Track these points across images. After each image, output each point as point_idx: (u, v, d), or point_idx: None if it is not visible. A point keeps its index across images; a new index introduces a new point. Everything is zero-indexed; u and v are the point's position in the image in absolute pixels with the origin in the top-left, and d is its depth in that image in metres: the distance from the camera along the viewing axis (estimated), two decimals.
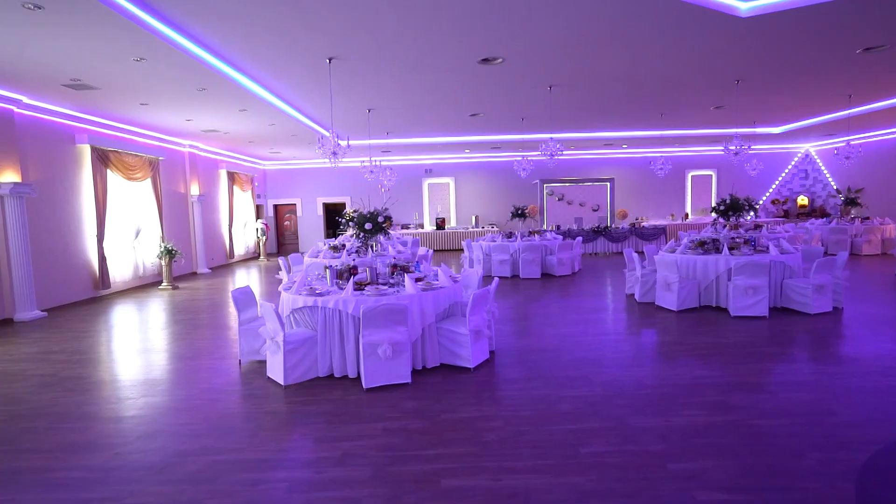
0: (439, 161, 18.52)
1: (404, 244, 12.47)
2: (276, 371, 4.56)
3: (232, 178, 15.34)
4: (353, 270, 5.45)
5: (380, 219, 5.51)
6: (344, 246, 9.76)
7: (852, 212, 14.04)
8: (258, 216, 17.71)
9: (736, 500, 2.63)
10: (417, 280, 5.22)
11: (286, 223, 19.32)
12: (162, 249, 10.57)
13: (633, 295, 7.97)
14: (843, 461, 2.96)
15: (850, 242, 12.62)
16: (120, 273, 10.27)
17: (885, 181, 15.50)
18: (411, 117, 11.34)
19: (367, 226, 5.37)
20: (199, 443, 3.45)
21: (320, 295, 4.73)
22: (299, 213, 18.97)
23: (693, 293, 6.94)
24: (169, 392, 4.49)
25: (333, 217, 17.93)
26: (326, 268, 5.31)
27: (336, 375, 4.62)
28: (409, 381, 4.41)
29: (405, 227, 18.22)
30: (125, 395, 4.46)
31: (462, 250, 12.48)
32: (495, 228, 17.35)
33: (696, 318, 6.55)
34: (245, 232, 16.54)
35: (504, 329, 6.34)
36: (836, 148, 11.75)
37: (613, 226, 15.39)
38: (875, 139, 15.62)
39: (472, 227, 17.94)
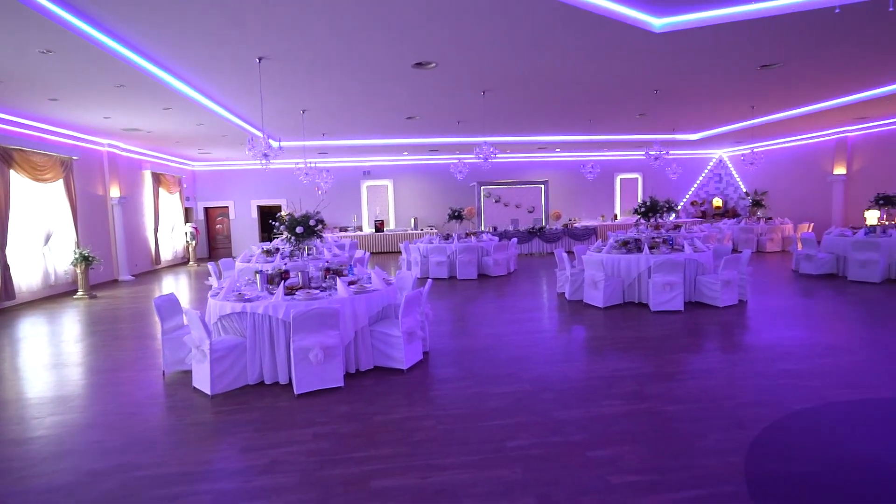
0: (378, 163, 18.44)
1: (341, 247, 12.33)
2: (202, 380, 4.41)
3: (157, 179, 14.54)
4: (284, 275, 5.35)
5: (312, 222, 5.44)
6: (278, 250, 9.53)
7: (758, 213, 15.33)
8: (187, 219, 16.87)
9: (645, 480, 2.84)
10: (350, 283, 5.21)
11: (218, 226, 18.53)
12: (77, 256, 9.86)
13: (563, 293, 8.32)
14: (736, 439, 3.26)
15: (757, 240, 13.78)
16: (26, 282, 9.48)
17: (785, 185, 17.06)
18: (347, 119, 11.25)
19: (299, 229, 5.28)
20: (115, 460, 3.28)
21: (249, 301, 4.61)
22: (232, 215, 18.25)
23: (617, 290, 7.35)
24: (83, 408, 4.22)
25: (268, 220, 17.43)
26: (257, 273, 5.18)
27: (266, 382, 4.53)
28: (341, 384, 4.40)
29: (343, 229, 17.99)
30: (31, 414, 4.15)
31: (401, 253, 12.51)
32: (434, 230, 17.49)
33: (621, 314, 6.94)
34: (173, 236, 15.71)
35: (439, 330, 6.44)
36: (742, 154, 12.81)
37: (548, 227, 15.94)
38: (777, 147, 17.15)
39: (412, 230, 17.99)
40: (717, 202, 19.30)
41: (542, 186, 17.72)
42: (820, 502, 2.59)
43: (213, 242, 18.56)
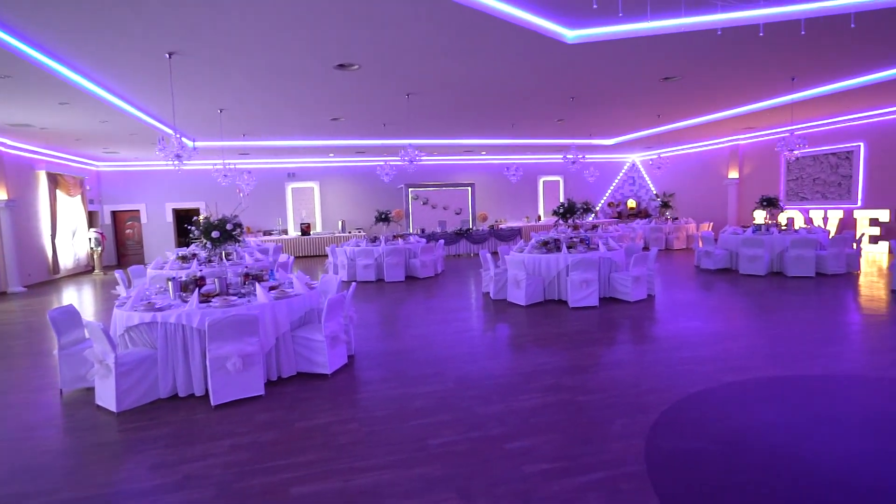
0: (303, 165, 17.99)
1: (264, 252, 11.90)
2: (106, 397, 4.12)
3: (54, 180, 13.30)
4: (199, 282, 5.11)
5: (229, 226, 5.23)
6: (194, 256, 9.04)
7: (667, 213, 16.56)
8: (91, 224, 15.55)
9: (557, 467, 3.02)
10: (272, 289, 5.08)
11: (128, 231, 17.24)
12: None
13: (488, 293, 8.56)
14: (639, 423, 3.54)
15: (665, 239, 14.89)
16: None
17: (689, 188, 18.56)
18: (269, 119, 10.90)
19: (215, 234, 5.06)
20: None
21: (160, 309, 4.37)
22: (144, 220, 17.06)
23: (539, 289, 7.68)
24: None
25: (184, 225, 16.47)
26: (169, 280, 4.91)
27: (181, 395, 4.31)
28: (262, 392, 4.28)
29: (267, 233, 17.37)
30: None
31: (328, 256, 12.30)
32: (362, 233, 17.33)
33: (542, 311, 7.25)
34: (75, 242, 14.43)
35: (365, 333, 6.41)
36: (651, 159, 13.80)
37: (475, 228, 16.29)
38: (682, 153, 18.62)
39: (339, 232, 17.71)
40: (632, 204, 20.62)
41: (469, 188, 18.08)
42: (708, 473, 2.88)
43: (122, 249, 17.24)
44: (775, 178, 15.33)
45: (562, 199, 20.37)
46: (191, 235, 7.27)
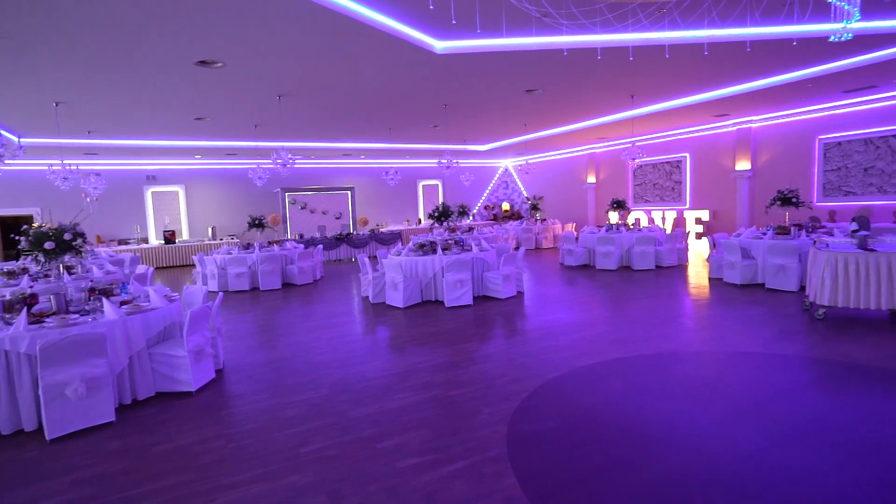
0: (165, 167, 16.43)
1: (119, 263, 10.70)
2: None
3: None
4: (30, 300, 4.49)
5: (67, 235, 4.67)
6: (25, 270, 7.86)
7: (536, 215, 17.88)
8: None
9: (427, 460, 3.17)
10: (123, 303, 4.63)
11: None
12: None
13: (367, 297, 8.58)
14: (503, 411, 3.84)
15: (535, 239, 16.07)
16: None
17: (555, 191, 20.23)
18: (121, 116, 9.81)
19: (48, 245, 4.48)
20: None
21: None
22: None
23: (416, 290, 7.89)
24: None
25: (10, 235, 14.12)
26: None
27: (4, 433, 3.76)
28: (112, 419, 3.89)
29: (123, 242, 15.58)
30: None
31: (195, 266, 11.39)
32: (235, 240, 16.30)
33: (419, 312, 7.46)
34: None
35: (236, 345, 6.09)
36: (520, 165, 14.82)
37: (355, 232, 16.15)
38: (548, 159, 20.23)
39: (209, 240, 16.46)
40: (506, 206, 21.91)
41: (349, 192, 17.89)
42: (560, 447, 3.23)
43: None
44: (624, 183, 17.32)
45: (443, 203, 21.04)
46: (19, 247, 6.35)
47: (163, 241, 15.90)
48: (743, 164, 13.60)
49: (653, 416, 3.64)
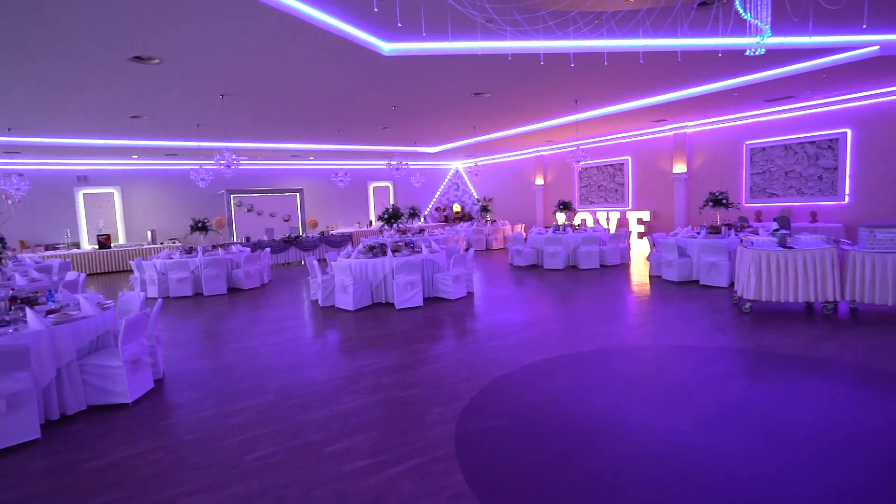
0: (98, 167, 15.53)
1: (46, 270, 10.04)
2: None
3: None
4: None
5: None
6: None
7: (487, 216, 18.14)
8: None
9: (375, 461, 3.18)
10: (50, 312, 4.37)
11: None
12: None
13: (317, 300, 8.45)
14: (452, 410, 3.90)
15: (486, 240, 16.31)
16: None
17: (505, 193, 20.59)
18: (47, 112, 9.20)
19: None
20: None
21: None
22: None
23: (366, 293, 7.84)
24: None
25: None
26: None
27: None
28: (37, 436, 3.66)
29: (52, 247, 14.59)
30: None
31: (132, 271, 10.83)
32: (176, 244, 15.61)
33: (370, 315, 7.42)
34: None
35: (177, 353, 5.86)
36: (469, 166, 15.00)
37: (305, 235, 15.84)
38: (498, 161, 20.57)
39: (148, 244, 15.69)
40: (457, 208, 22.09)
41: (298, 194, 17.53)
42: (506, 443, 3.32)
43: None
44: (570, 185, 17.86)
45: (393, 205, 20.96)
46: None
47: (97, 246, 15.02)
48: (679, 168, 14.35)
49: (595, 409, 3.80)
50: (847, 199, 11.24)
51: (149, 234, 16.02)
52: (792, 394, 3.91)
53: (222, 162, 8.67)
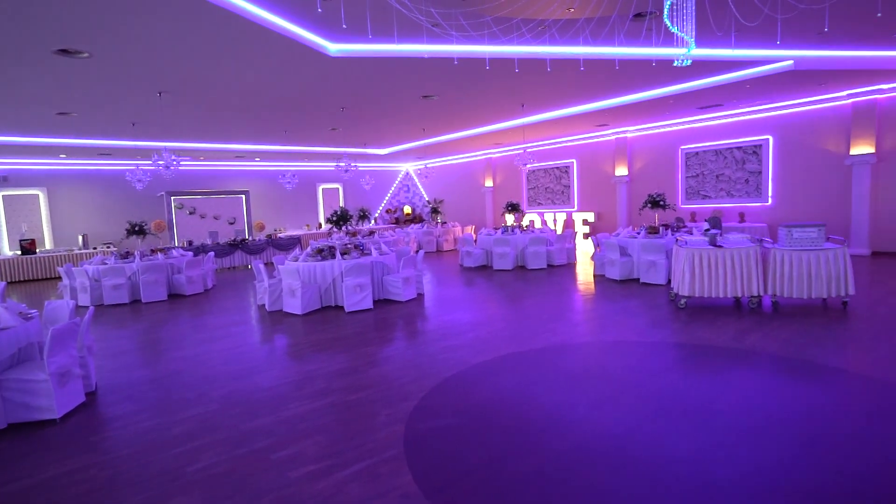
0: (21, 167, 14.48)
1: None
2: None
3: None
4: None
5: None
6: None
7: (437, 218, 18.25)
8: None
9: (322, 466, 3.15)
10: None
11: None
12: None
13: (264, 305, 8.24)
14: (402, 411, 3.92)
15: (436, 241, 16.39)
16: None
17: (455, 194, 20.78)
18: None
19: None
20: None
21: None
22: None
23: (315, 296, 7.72)
24: None
25: None
26: None
27: None
28: None
29: None
30: None
31: (61, 278, 10.16)
32: (111, 248, 14.77)
33: (319, 319, 7.32)
34: None
35: (113, 363, 5.57)
36: (419, 168, 15.04)
37: (251, 238, 15.38)
38: (448, 163, 20.73)
39: (80, 249, 14.76)
40: (408, 210, 22.08)
41: (244, 196, 17.01)
42: (455, 442, 3.37)
43: None
44: (519, 187, 18.26)
45: (343, 207, 20.69)
46: None
47: (19, 252, 13.99)
48: (621, 170, 14.96)
49: (540, 405, 3.92)
50: (770, 200, 12.10)
51: (80, 238, 15.06)
52: (721, 383, 4.18)
53: (161, 162, 8.30)
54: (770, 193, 12.08)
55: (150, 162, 8.91)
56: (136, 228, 10.65)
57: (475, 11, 5.40)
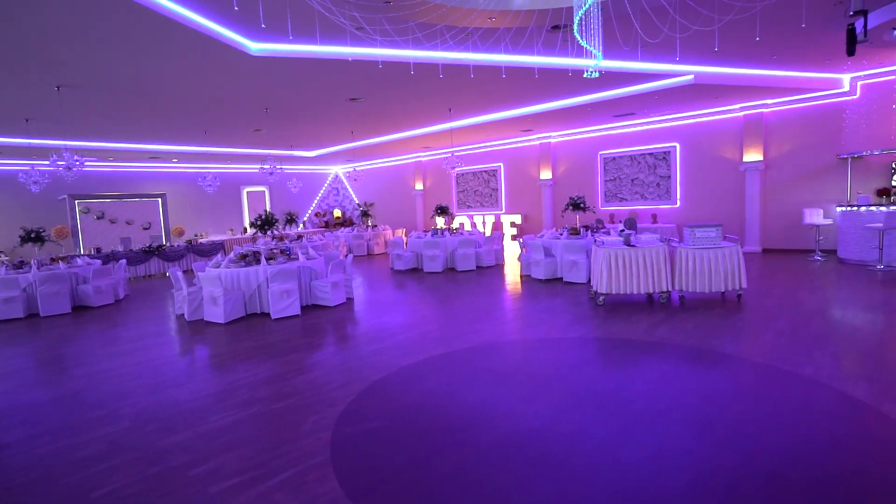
0: None
1: None
2: None
3: None
4: None
5: None
6: None
7: (368, 221, 18.09)
8: None
9: (245, 479, 3.07)
10: None
11: None
12: None
13: (183, 315, 7.81)
14: (329, 416, 3.89)
15: (367, 245, 16.26)
16: None
17: (386, 198, 20.71)
18: None
19: None
20: None
21: None
22: None
23: (239, 304, 7.43)
24: None
25: None
26: None
27: None
28: None
29: None
30: None
31: None
32: (3, 257, 13.35)
33: (243, 327, 7.05)
34: None
35: (3, 385, 5.06)
36: (349, 171, 14.87)
37: (168, 244, 14.48)
38: (378, 166, 20.61)
39: None
40: (338, 213, 21.71)
41: (160, 199, 15.99)
42: (382, 444, 3.39)
43: None
44: (449, 190, 18.51)
45: (268, 210, 19.96)
46: None
47: None
48: (546, 174, 15.59)
49: (466, 403, 4.03)
50: (679, 203, 13.10)
51: None
52: (633, 374, 4.50)
53: (60, 163, 7.65)
54: (678, 196, 13.07)
55: (48, 162, 8.17)
56: (33, 235, 9.71)
57: (399, 17, 5.46)
